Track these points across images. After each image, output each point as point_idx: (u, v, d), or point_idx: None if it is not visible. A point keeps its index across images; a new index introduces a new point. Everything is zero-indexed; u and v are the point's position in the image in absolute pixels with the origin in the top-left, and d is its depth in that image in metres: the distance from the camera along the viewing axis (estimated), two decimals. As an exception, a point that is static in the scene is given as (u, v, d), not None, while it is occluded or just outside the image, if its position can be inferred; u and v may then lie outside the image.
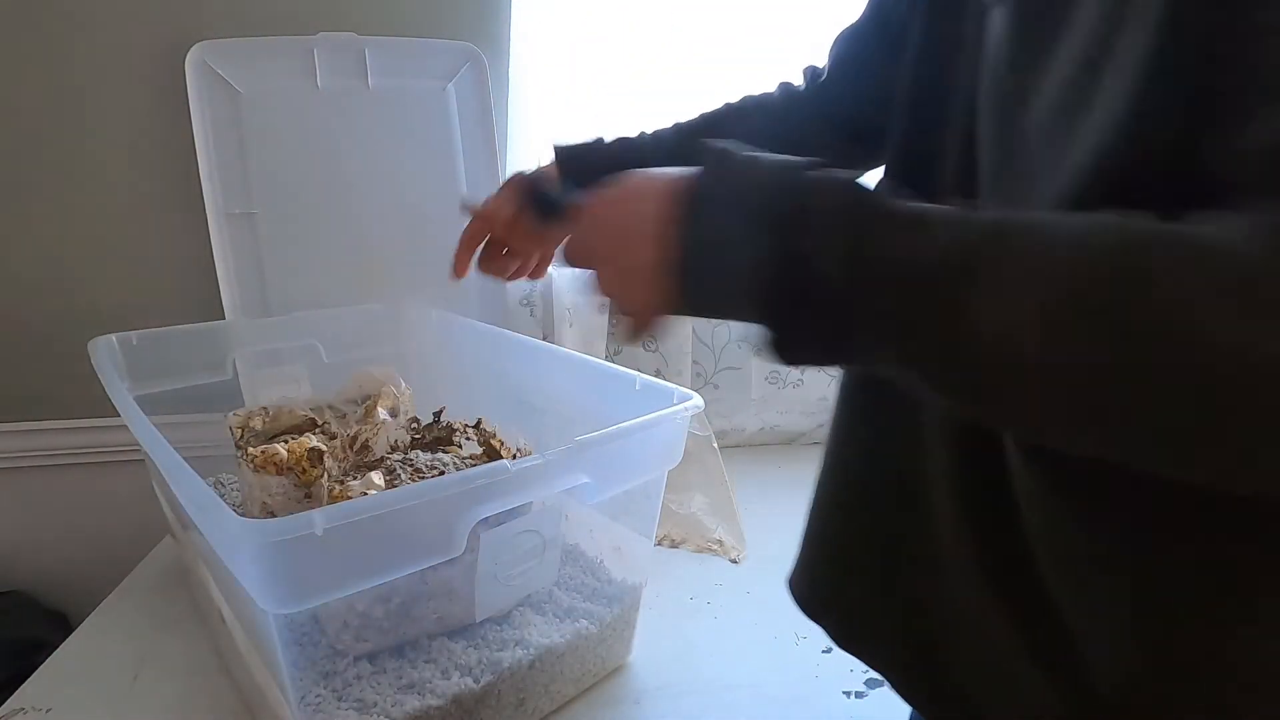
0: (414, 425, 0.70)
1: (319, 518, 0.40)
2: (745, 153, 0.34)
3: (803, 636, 0.72)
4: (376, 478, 0.56)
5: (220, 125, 0.94)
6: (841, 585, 0.49)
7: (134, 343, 0.75)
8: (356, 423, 0.69)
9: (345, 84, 0.97)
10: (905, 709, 0.63)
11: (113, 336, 0.74)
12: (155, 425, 0.53)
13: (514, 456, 0.62)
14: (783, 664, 0.68)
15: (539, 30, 0.95)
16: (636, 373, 0.66)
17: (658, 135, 0.65)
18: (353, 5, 0.98)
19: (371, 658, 0.54)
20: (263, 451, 0.59)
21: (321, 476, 0.58)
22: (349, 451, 0.63)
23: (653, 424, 0.56)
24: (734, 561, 0.85)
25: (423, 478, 0.57)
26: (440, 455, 0.62)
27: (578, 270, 0.43)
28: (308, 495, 0.58)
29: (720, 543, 0.87)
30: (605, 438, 0.53)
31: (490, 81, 1.01)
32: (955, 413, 0.37)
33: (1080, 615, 0.35)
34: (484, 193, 1.03)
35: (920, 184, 0.37)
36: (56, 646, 0.68)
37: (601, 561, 0.68)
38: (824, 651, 0.70)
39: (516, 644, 0.58)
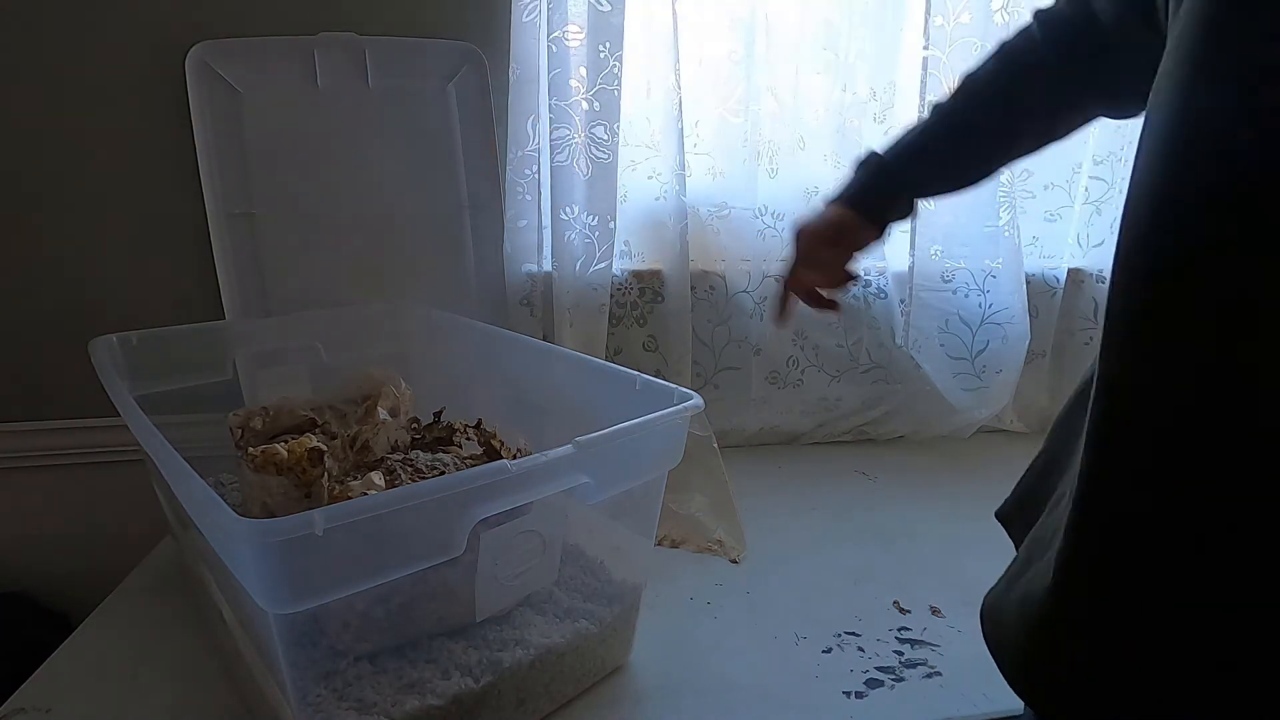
0: (414, 425, 0.70)
1: (319, 518, 0.40)
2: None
3: (803, 636, 0.72)
4: (376, 478, 0.56)
5: (220, 125, 0.94)
6: None
7: (134, 343, 0.76)
8: (356, 423, 0.69)
9: (345, 84, 0.97)
10: (904, 709, 0.63)
11: (113, 336, 0.74)
12: (155, 425, 0.53)
13: (514, 456, 0.62)
14: (783, 664, 0.68)
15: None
16: (636, 373, 0.66)
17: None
18: (353, 5, 0.98)
19: (371, 658, 0.54)
20: (263, 451, 0.59)
21: (321, 476, 0.58)
22: (349, 451, 0.63)
23: (653, 424, 0.56)
24: (734, 561, 0.85)
25: (423, 478, 0.57)
26: (440, 455, 0.62)
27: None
28: (308, 495, 0.58)
29: (720, 543, 0.87)
30: (605, 438, 0.53)
31: (490, 81, 1.01)
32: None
33: None
34: (484, 192, 1.05)
35: None
36: (56, 646, 0.68)
37: (601, 561, 0.68)
38: (824, 651, 0.70)
39: (517, 644, 0.58)
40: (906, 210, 0.69)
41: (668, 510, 0.87)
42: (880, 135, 1.10)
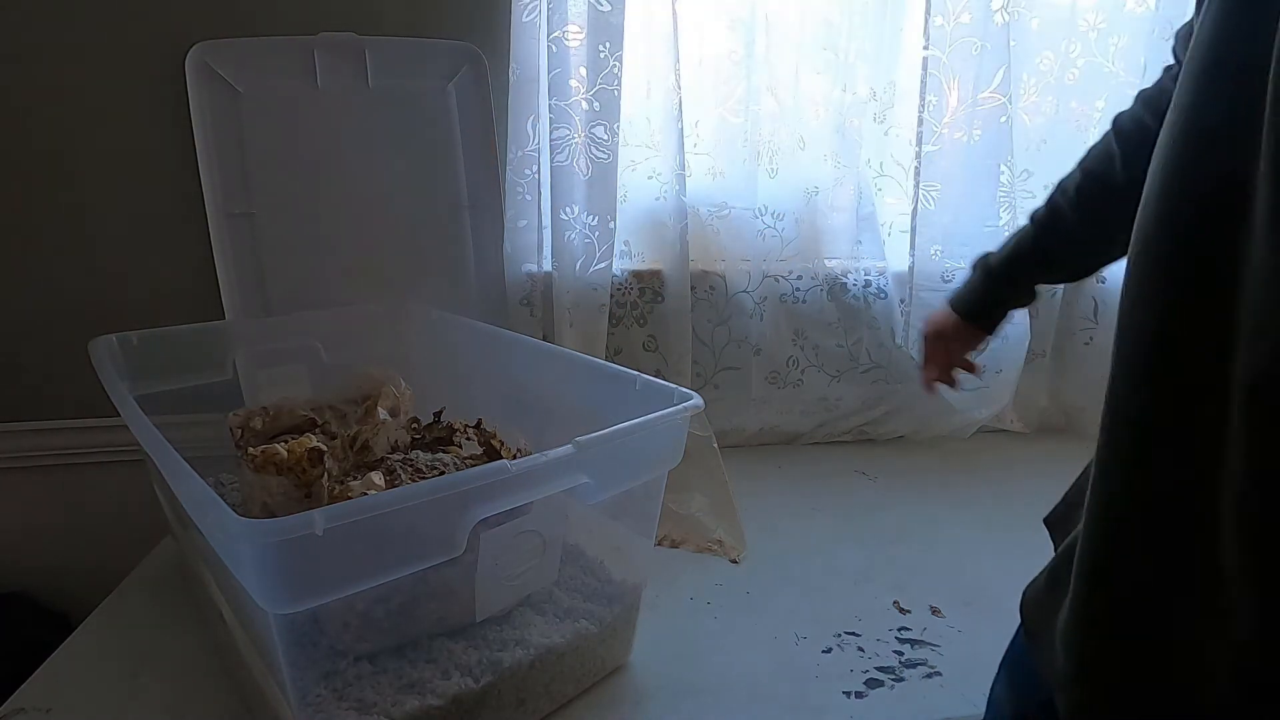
0: (414, 425, 0.70)
1: (319, 518, 0.40)
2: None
3: (803, 637, 0.72)
4: (376, 478, 0.56)
5: (220, 125, 0.94)
6: None
7: (134, 343, 0.75)
8: (356, 423, 0.69)
9: (345, 84, 0.97)
10: (904, 709, 0.63)
11: (113, 336, 0.74)
12: (155, 425, 0.53)
13: (514, 456, 0.62)
14: (783, 664, 0.68)
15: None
16: (636, 373, 0.66)
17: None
18: (353, 5, 0.98)
19: (371, 658, 0.54)
20: (263, 451, 0.59)
21: (321, 476, 0.58)
22: (349, 451, 0.63)
23: (653, 424, 0.56)
24: (734, 561, 0.85)
25: (423, 478, 0.57)
26: (440, 455, 0.62)
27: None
28: (308, 495, 0.58)
29: (720, 543, 0.87)
30: (605, 438, 0.53)
31: (490, 81, 1.01)
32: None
33: None
34: (484, 192, 1.04)
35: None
36: (56, 646, 0.68)
37: (601, 561, 0.68)
38: (824, 651, 0.70)
39: (517, 644, 0.58)
40: (1026, 300, 0.75)
41: (668, 510, 0.87)
42: (880, 135, 1.10)
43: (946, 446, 1.20)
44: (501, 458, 0.58)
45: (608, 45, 0.95)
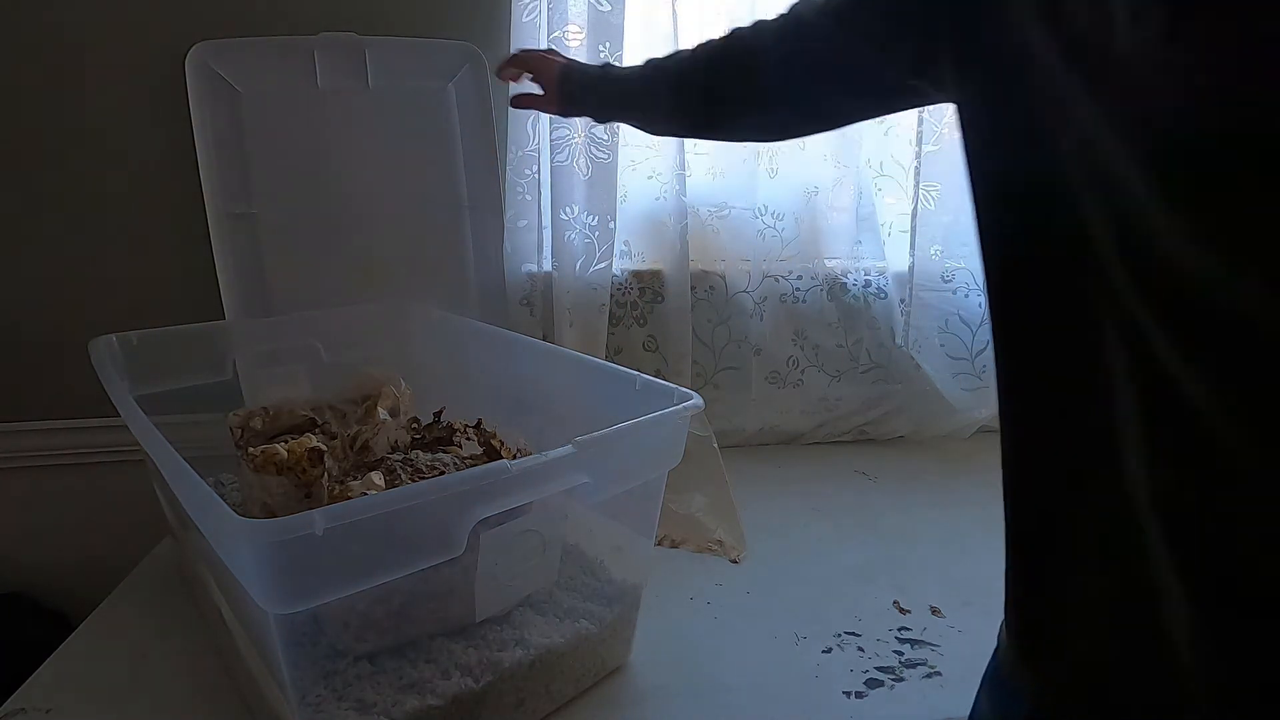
0: (414, 425, 0.70)
1: (319, 518, 0.40)
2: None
3: (803, 637, 0.72)
4: (376, 478, 0.56)
5: (220, 125, 0.94)
6: None
7: (134, 343, 0.75)
8: (356, 423, 0.69)
9: (345, 84, 0.97)
10: (904, 709, 0.63)
11: (113, 336, 0.74)
12: (155, 425, 0.53)
13: (514, 456, 0.62)
14: (783, 664, 0.68)
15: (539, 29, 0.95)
16: (636, 373, 0.66)
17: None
18: (353, 5, 0.98)
19: (371, 658, 0.54)
20: (263, 451, 0.59)
21: (321, 476, 0.58)
22: (349, 451, 0.63)
23: (653, 424, 0.56)
24: (734, 561, 0.85)
25: (423, 478, 0.57)
26: (440, 455, 0.62)
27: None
28: (308, 495, 0.58)
29: (720, 543, 0.87)
30: (605, 438, 0.53)
31: (490, 81, 1.01)
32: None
33: None
34: (484, 192, 1.05)
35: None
36: (56, 646, 0.68)
37: (601, 561, 0.68)
38: (824, 651, 0.70)
39: (516, 644, 0.58)
40: (601, 118, 0.85)
41: (668, 510, 0.87)
42: (880, 135, 1.10)
43: (946, 446, 1.20)
44: (501, 458, 0.59)
45: (608, 45, 0.95)
